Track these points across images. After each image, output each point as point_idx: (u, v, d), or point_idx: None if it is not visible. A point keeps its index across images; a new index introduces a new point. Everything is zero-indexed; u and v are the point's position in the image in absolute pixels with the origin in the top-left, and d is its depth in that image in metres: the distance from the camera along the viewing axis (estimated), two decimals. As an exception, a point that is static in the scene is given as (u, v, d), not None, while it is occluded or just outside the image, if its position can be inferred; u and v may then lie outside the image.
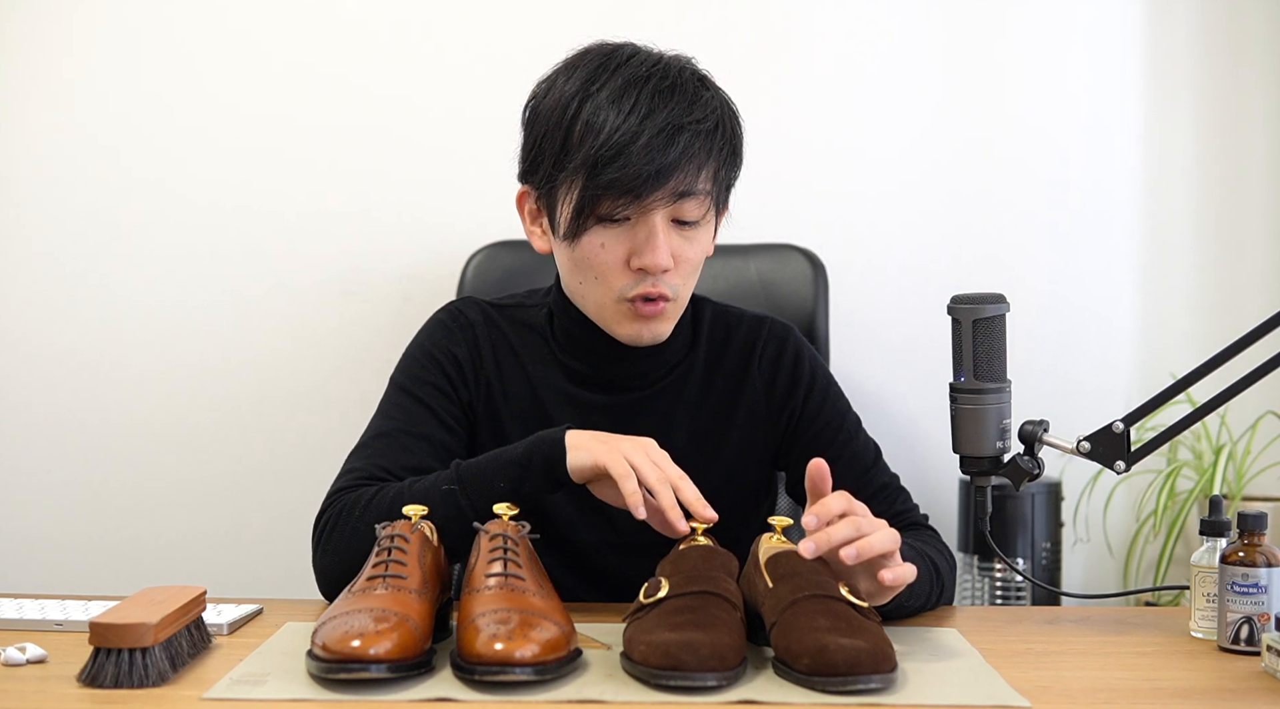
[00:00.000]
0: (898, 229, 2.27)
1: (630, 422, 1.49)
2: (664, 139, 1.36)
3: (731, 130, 1.45)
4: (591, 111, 1.38)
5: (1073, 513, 2.25)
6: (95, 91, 2.25)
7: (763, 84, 2.25)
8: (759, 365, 1.55)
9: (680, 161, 1.37)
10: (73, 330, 2.27)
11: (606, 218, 1.40)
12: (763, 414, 1.54)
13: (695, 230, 1.43)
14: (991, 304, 1.34)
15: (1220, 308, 2.29)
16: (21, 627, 1.30)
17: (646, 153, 1.35)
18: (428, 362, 1.52)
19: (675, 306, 1.46)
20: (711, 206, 1.45)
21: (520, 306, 1.57)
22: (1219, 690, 1.15)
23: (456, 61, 2.25)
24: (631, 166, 1.35)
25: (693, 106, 1.39)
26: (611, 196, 1.37)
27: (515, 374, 1.53)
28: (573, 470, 1.32)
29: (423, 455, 1.46)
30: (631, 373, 1.51)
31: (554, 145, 1.40)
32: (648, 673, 1.09)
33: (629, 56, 1.42)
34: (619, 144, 1.35)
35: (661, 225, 1.40)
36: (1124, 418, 1.35)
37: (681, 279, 1.44)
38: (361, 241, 2.25)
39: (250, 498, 2.27)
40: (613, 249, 1.41)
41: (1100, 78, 2.28)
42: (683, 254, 1.42)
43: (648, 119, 1.36)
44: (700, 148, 1.39)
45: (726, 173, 1.45)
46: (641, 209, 1.39)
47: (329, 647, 1.08)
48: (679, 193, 1.39)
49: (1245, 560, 1.26)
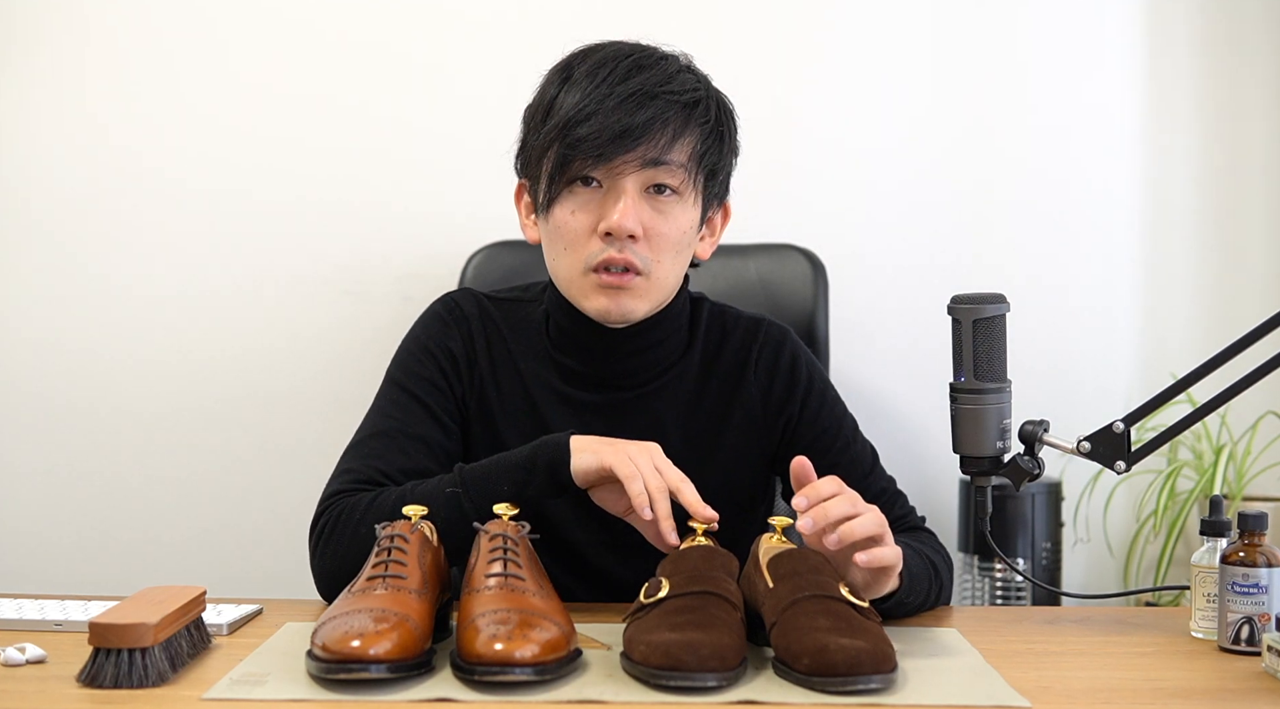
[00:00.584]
0: (898, 229, 2.27)
1: (623, 421, 1.49)
2: (635, 102, 1.38)
3: (716, 112, 1.45)
4: (569, 86, 1.41)
5: (1073, 513, 2.25)
6: (97, 90, 2.25)
7: (762, 84, 2.24)
8: (755, 369, 1.54)
9: (651, 126, 1.38)
10: (72, 330, 2.26)
11: (577, 179, 1.41)
12: (759, 418, 1.54)
13: (669, 204, 1.43)
14: (991, 304, 1.34)
15: (1220, 308, 2.28)
16: (21, 627, 1.30)
17: (615, 113, 1.37)
18: (424, 356, 1.52)
19: (648, 284, 1.44)
20: (691, 185, 1.43)
21: (517, 301, 1.57)
22: (1219, 690, 1.15)
23: (457, 62, 2.25)
24: (599, 124, 1.37)
25: (670, 80, 1.41)
26: (581, 157, 1.39)
27: (508, 370, 1.52)
28: (577, 474, 1.32)
29: (419, 458, 1.46)
30: (624, 371, 1.51)
31: (536, 123, 1.44)
32: (648, 673, 1.09)
33: (616, 45, 1.45)
34: (589, 106, 1.38)
35: (631, 190, 1.40)
36: (1124, 418, 1.35)
37: (654, 254, 1.42)
38: (362, 241, 2.25)
39: (250, 498, 2.26)
40: (581, 215, 1.42)
41: (1101, 77, 2.28)
42: (654, 227, 1.42)
43: (620, 85, 1.39)
44: (675, 116, 1.40)
45: (711, 155, 1.44)
46: (610, 172, 1.40)
47: (329, 647, 1.08)
48: (649, 160, 1.39)
49: (1245, 560, 1.26)
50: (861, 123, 2.27)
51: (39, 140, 2.26)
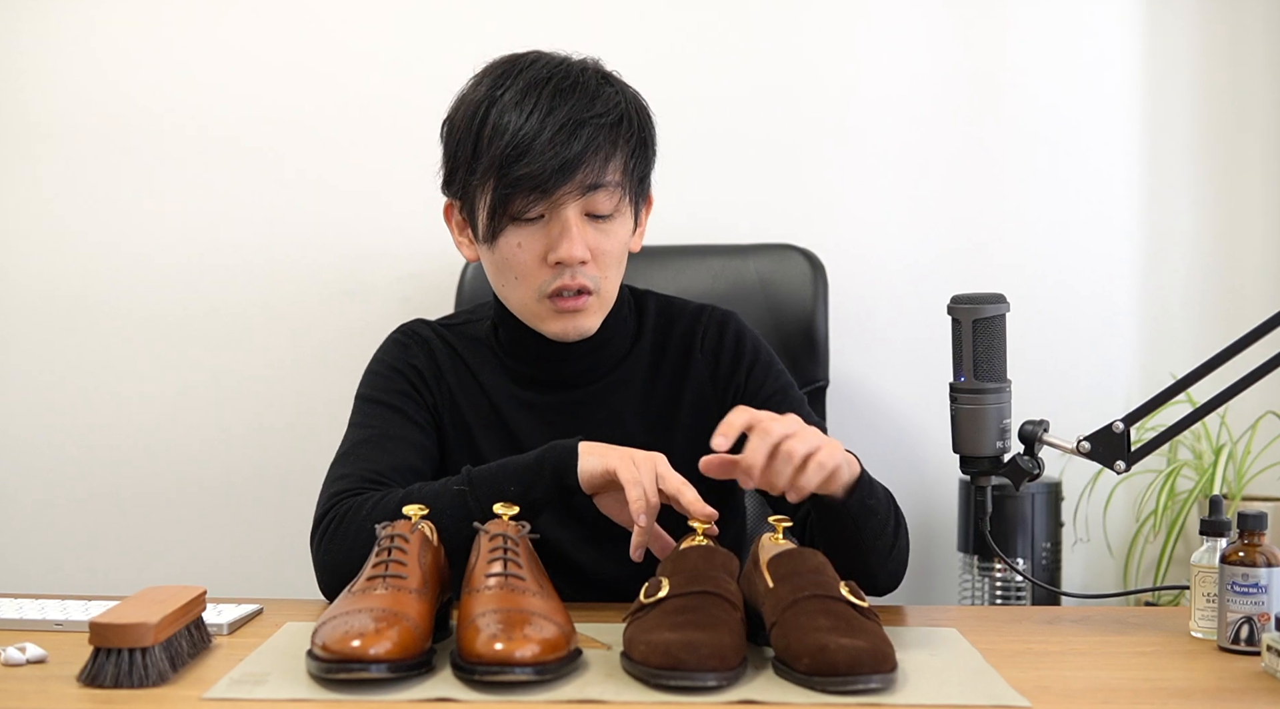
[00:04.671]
0: (898, 229, 2.27)
1: (583, 418, 1.53)
2: (566, 134, 1.40)
3: (638, 122, 1.48)
4: (497, 115, 1.43)
5: (1073, 513, 2.25)
6: (97, 89, 2.25)
7: (762, 84, 2.25)
8: (701, 349, 1.58)
9: (584, 154, 1.41)
10: (72, 331, 2.26)
11: (519, 216, 1.43)
12: (709, 396, 1.57)
13: (610, 223, 1.47)
14: (991, 304, 1.34)
15: (1220, 308, 2.28)
16: (21, 627, 1.31)
17: (550, 148, 1.40)
18: (391, 374, 1.56)
19: (599, 300, 1.49)
20: (625, 198, 1.47)
21: (466, 323, 1.62)
22: (1219, 690, 1.15)
23: (457, 62, 2.24)
24: (537, 162, 1.40)
25: (594, 102, 1.43)
26: (522, 194, 1.41)
27: (470, 385, 1.56)
28: (583, 475, 1.34)
29: (407, 456, 1.49)
30: (576, 371, 1.55)
31: (466, 152, 1.46)
32: (648, 673, 1.09)
33: (532, 62, 1.47)
34: (523, 143, 1.40)
35: (574, 218, 1.43)
36: (1124, 418, 1.35)
37: (601, 271, 1.47)
38: (362, 242, 2.25)
39: (250, 498, 2.26)
40: (529, 247, 1.44)
41: (1100, 78, 2.28)
42: (599, 246, 1.46)
43: (549, 117, 1.41)
44: (605, 140, 1.43)
45: (639, 164, 1.48)
46: (552, 205, 1.42)
47: (329, 647, 1.08)
48: (587, 186, 1.43)
49: (1245, 560, 1.26)
50: (862, 123, 2.27)
51: (36, 142, 2.26)
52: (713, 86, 2.24)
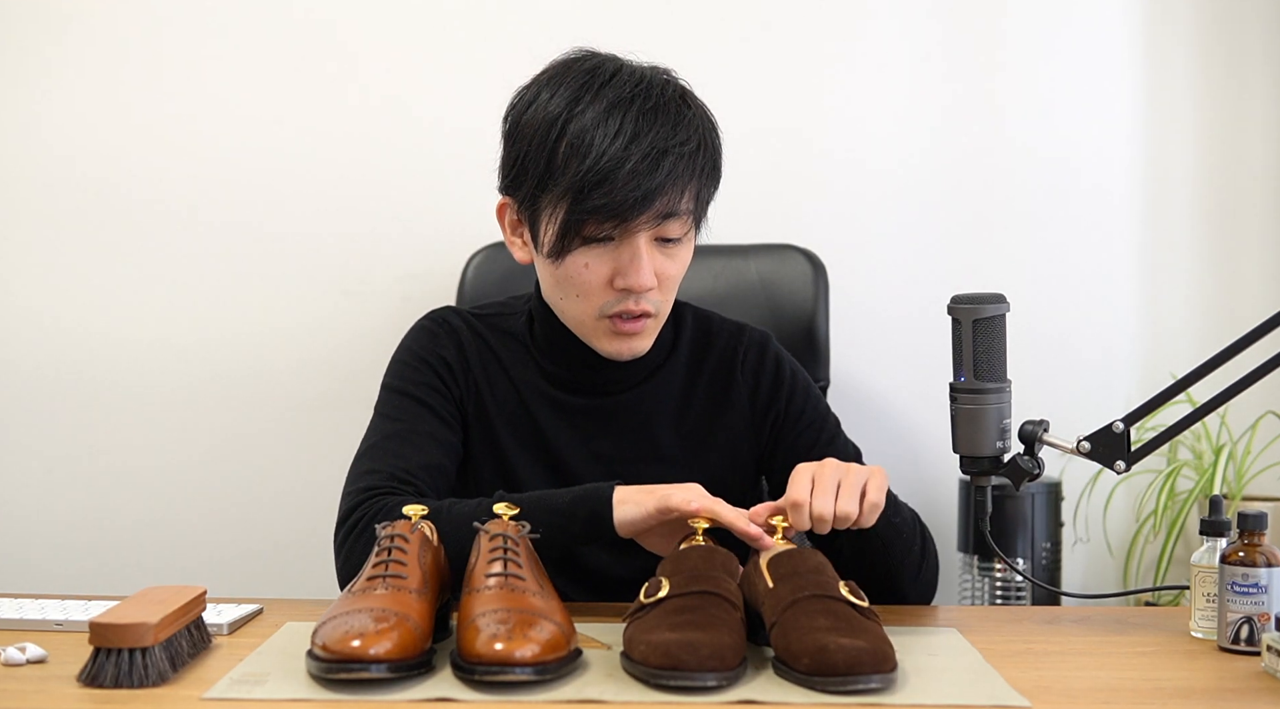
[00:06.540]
0: (898, 229, 2.27)
1: (614, 423, 1.53)
2: (650, 163, 1.37)
3: (713, 147, 1.46)
4: (577, 133, 1.38)
5: (1073, 513, 2.25)
6: (97, 89, 2.25)
7: (762, 84, 2.25)
8: (742, 371, 1.57)
9: (665, 185, 1.38)
10: (72, 331, 2.26)
11: (591, 239, 1.41)
12: (747, 419, 1.56)
13: (678, 247, 1.46)
14: (991, 304, 1.34)
15: (1220, 308, 2.28)
16: (21, 627, 1.31)
17: (633, 178, 1.36)
18: (418, 364, 1.54)
19: (656, 322, 1.48)
20: (692, 223, 1.46)
21: (500, 315, 1.59)
22: (1219, 690, 1.15)
23: (457, 63, 2.25)
24: (618, 192, 1.36)
25: (676, 128, 1.40)
26: (597, 220, 1.39)
27: (499, 378, 1.54)
28: (621, 526, 1.33)
29: (433, 453, 1.47)
30: (610, 378, 1.54)
31: (538, 165, 1.40)
32: (648, 673, 1.09)
33: (612, 74, 1.42)
34: (606, 169, 1.36)
35: (645, 246, 1.41)
36: (1124, 418, 1.35)
37: (664, 296, 1.47)
38: (362, 242, 2.25)
39: (250, 498, 2.26)
40: (596, 269, 1.42)
41: (1100, 78, 2.28)
42: (665, 271, 1.44)
43: (634, 143, 1.37)
44: (685, 170, 1.40)
45: (707, 191, 1.47)
46: (626, 230, 1.40)
47: (329, 646, 1.08)
48: (663, 214, 1.41)
49: (1245, 560, 1.26)
50: (862, 123, 2.27)
51: (36, 142, 2.26)
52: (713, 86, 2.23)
